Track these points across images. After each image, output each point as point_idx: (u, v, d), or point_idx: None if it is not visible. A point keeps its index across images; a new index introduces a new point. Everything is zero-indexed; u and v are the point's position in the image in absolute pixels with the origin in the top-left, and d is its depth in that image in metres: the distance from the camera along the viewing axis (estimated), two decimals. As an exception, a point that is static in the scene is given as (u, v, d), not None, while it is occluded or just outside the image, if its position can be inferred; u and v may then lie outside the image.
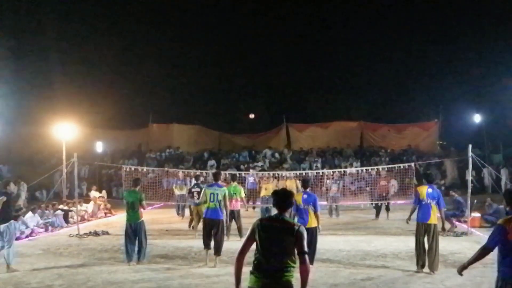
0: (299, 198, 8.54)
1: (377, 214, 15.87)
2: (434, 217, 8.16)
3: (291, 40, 38.59)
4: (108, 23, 32.50)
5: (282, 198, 4.28)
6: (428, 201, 8.17)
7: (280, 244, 4.03)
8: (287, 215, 4.27)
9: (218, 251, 9.00)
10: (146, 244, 9.46)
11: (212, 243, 9.06)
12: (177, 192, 16.63)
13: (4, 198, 8.49)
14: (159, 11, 35.72)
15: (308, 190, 8.85)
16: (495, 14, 30.42)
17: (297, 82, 37.29)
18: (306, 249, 4.07)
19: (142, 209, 9.33)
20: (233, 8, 37.60)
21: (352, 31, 36.97)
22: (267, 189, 15.55)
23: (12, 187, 9.51)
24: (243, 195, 12.65)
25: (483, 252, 4.62)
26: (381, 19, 36.74)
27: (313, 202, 8.56)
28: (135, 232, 9.25)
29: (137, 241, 9.26)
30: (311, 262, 8.08)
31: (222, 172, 12.50)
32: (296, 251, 4.06)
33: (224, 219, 9.24)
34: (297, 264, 4.08)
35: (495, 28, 30.21)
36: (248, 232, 4.25)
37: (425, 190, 8.29)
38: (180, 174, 17.56)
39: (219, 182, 9.35)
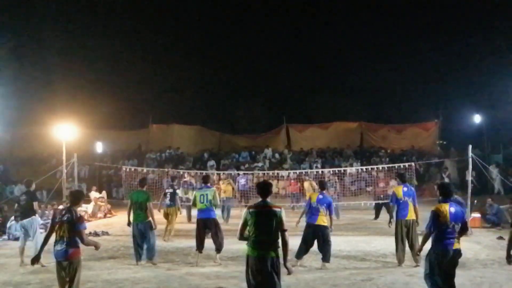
0: (314, 197, 8.90)
1: (377, 215, 15.86)
2: (412, 213, 8.71)
3: (291, 41, 38.68)
4: (108, 24, 32.55)
5: (265, 187, 5.51)
6: (405, 199, 8.73)
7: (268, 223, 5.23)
8: (268, 200, 5.43)
9: (219, 248, 9.22)
10: (155, 242, 9.44)
11: (208, 242, 9.34)
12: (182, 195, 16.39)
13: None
14: (159, 12, 35.75)
15: (324, 192, 9.06)
16: (496, 14, 30.44)
17: (297, 83, 37.34)
18: (285, 227, 5.24)
19: (151, 209, 9.39)
20: (233, 9, 37.65)
21: (353, 32, 37.06)
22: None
23: (34, 186, 9.93)
24: None
25: (428, 235, 6.03)
26: (381, 20, 36.81)
27: (328, 204, 8.77)
28: (141, 232, 9.23)
29: (145, 240, 9.23)
30: (328, 260, 8.65)
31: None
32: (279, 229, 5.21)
33: (216, 218, 9.47)
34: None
35: (495, 29, 30.22)
36: (241, 222, 5.41)
37: (400, 189, 8.84)
38: (188, 178, 17.02)
39: (208, 184, 9.68)
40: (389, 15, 36.86)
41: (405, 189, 8.84)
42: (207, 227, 9.27)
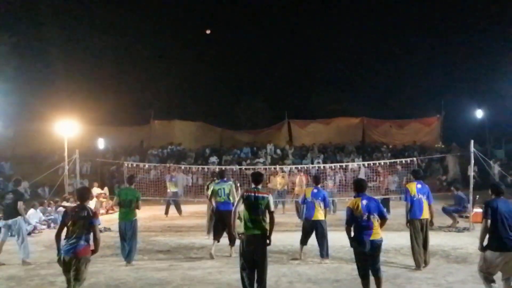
0: (308, 192, 9.07)
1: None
2: (426, 212, 8.29)
3: (292, 37, 38.57)
4: (110, 20, 32.44)
5: (257, 176, 6.67)
6: (419, 196, 8.29)
7: (257, 206, 6.34)
8: (259, 187, 6.55)
9: (232, 241, 9.27)
10: (136, 244, 9.19)
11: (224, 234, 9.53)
12: (171, 189, 16.49)
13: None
14: (161, 9, 35.66)
15: (319, 186, 9.25)
16: (497, 9, 30.31)
17: (299, 78, 37.28)
18: (273, 209, 6.39)
19: (137, 209, 9.12)
20: (234, 5, 37.54)
21: (354, 27, 36.90)
22: (280, 183, 16.80)
23: (23, 186, 9.60)
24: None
25: (347, 228, 6.51)
26: (382, 15, 36.67)
27: (323, 198, 8.93)
28: (126, 231, 9.02)
29: (126, 240, 8.99)
30: (327, 255, 8.81)
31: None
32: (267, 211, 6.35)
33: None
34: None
35: (497, 24, 30.10)
36: (237, 200, 6.64)
37: (414, 186, 8.40)
38: (174, 172, 17.42)
39: (225, 179, 9.91)
40: (390, 10, 36.74)
41: (419, 186, 8.38)
42: (225, 218, 9.16)
